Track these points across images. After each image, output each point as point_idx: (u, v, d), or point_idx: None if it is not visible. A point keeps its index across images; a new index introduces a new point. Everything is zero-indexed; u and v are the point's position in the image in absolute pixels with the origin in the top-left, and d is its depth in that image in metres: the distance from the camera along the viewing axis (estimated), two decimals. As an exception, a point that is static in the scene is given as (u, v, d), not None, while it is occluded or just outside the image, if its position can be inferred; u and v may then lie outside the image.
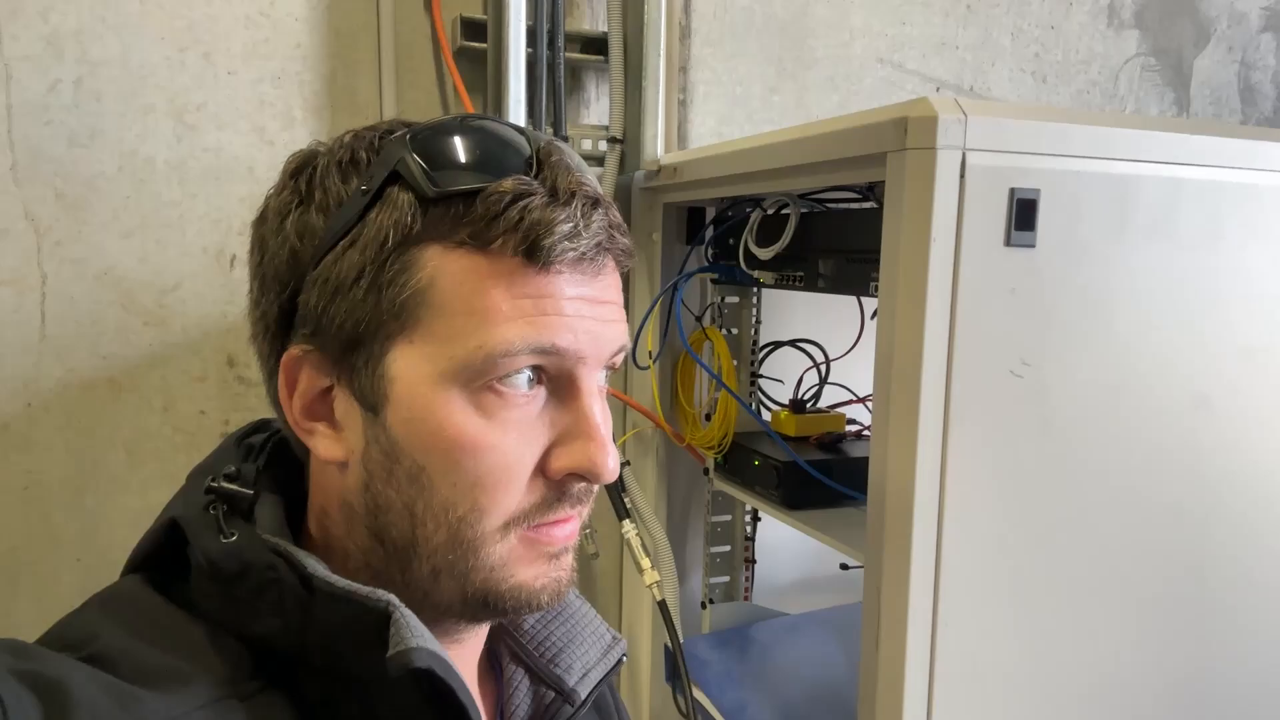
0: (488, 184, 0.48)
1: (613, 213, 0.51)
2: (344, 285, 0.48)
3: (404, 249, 0.48)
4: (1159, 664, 0.81)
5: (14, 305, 1.02)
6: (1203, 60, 1.65)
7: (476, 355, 0.47)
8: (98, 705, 0.41)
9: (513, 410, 0.49)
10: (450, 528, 0.49)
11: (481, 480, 0.48)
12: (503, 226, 0.47)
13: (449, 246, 0.48)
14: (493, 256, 0.48)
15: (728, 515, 1.27)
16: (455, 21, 1.14)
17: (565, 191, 0.49)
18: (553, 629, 0.62)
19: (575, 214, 0.49)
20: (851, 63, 1.38)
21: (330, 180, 0.50)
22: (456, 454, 0.48)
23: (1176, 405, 0.78)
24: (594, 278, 0.51)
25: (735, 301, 1.21)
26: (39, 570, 1.06)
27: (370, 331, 0.49)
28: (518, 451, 0.49)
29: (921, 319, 0.68)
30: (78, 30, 1.02)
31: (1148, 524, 0.78)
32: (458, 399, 0.48)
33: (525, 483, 0.50)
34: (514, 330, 0.47)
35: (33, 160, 1.01)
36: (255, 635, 0.48)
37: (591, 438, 0.50)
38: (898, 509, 0.70)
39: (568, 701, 0.59)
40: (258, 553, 0.48)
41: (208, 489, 0.51)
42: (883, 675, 0.72)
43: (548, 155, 0.50)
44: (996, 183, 0.68)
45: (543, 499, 0.50)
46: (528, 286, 0.48)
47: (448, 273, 0.48)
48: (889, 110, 0.70)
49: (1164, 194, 0.74)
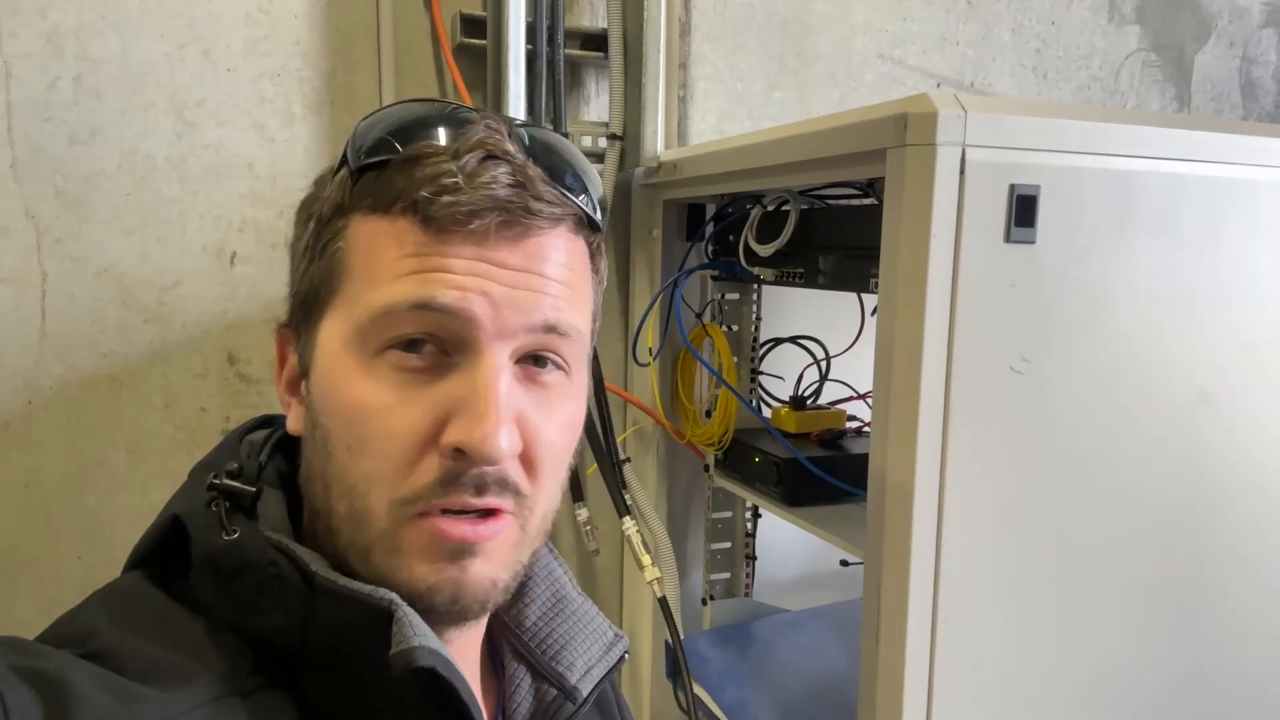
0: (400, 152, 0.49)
1: (534, 176, 0.48)
2: (299, 261, 0.52)
3: (334, 221, 0.50)
4: (1159, 660, 0.81)
5: (14, 303, 1.02)
6: (1204, 56, 1.65)
7: (365, 316, 0.48)
8: (98, 702, 0.41)
9: (404, 374, 0.48)
10: (348, 498, 0.49)
11: (369, 444, 0.48)
12: (397, 188, 0.48)
13: (363, 214, 0.49)
14: (391, 219, 0.48)
15: (728, 512, 1.27)
16: (455, 18, 1.14)
17: (465, 150, 0.47)
18: (554, 626, 0.61)
19: (464, 168, 0.47)
20: (852, 59, 1.38)
21: (326, 174, 0.54)
22: (348, 415, 0.48)
23: (1177, 402, 0.78)
24: (511, 243, 0.48)
25: (736, 298, 1.21)
26: (40, 568, 1.06)
27: (312, 302, 0.51)
28: (406, 417, 0.47)
29: (921, 315, 0.67)
30: (77, 27, 1.01)
31: (1148, 520, 0.78)
32: (355, 362, 0.48)
33: (416, 454, 0.47)
34: (397, 288, 0.47)
35: (33, 158, 1.01)
36: (257, 632, 0.48)
37: (478, 411, 0.46)
38: (897, 505, 0.70)
39: (569, 699, 0.59)
40: (259, 550, 0.48)
41: (210, 485, 0.51)
42: (883, 671, 0.72)
43: (474, 124, 0.49)
44: (996, 179, 0.68)
45: (436, 478, 0.47)
46: (418, 246, 0.48)
47: (358, 239, 0.49)
48: (889, 106, 0.70)
49: (1165, 190, 0.74)
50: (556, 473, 0.53)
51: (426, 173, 0.47)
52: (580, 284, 0.53)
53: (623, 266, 1.28)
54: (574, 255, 0.52)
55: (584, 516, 1.20)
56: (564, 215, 0.51)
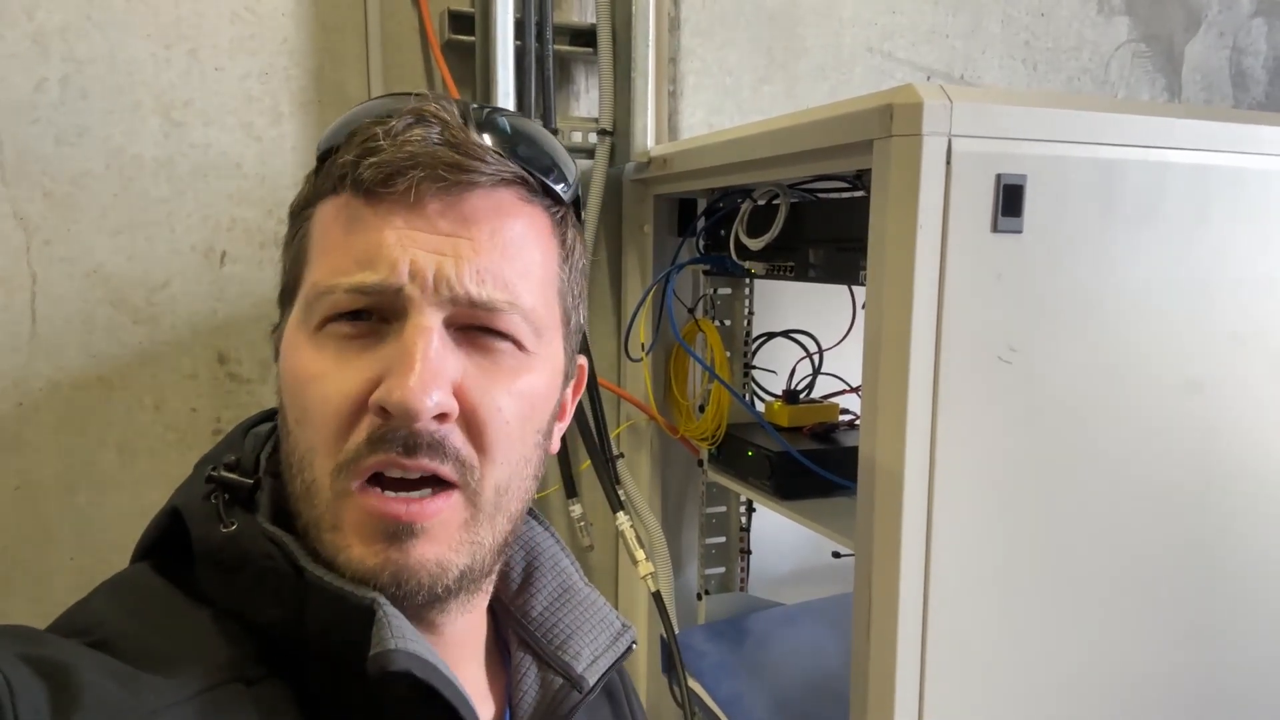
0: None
1: (467, 138, 0.48)
2: (282, 257, 0.54)
3: (302, 213, 0.52)
4: (1151, 649, 0.81)
5: (3, 304, 1.02)
6: (1194, 46, 1.65)
7: (310, 293, 0.49)
8: (104, 689, 0.41)
9: (343, 343, 0.49)
10: (299, 472, 0.49)
11: (310, 412, 0.48)
12: (340, 164, 0.49)
13: (322, 201, 0.51)
14: (337, 197, 0.50)
15: (722, 506, 1.27)
16: (443, 15, 1.13)
17: (397, 118, 0.48)
18: (561, 615, 0.61)
19: (390, 132, 0.47)
20: (841, 52, 1.38)
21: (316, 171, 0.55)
22: (295, 387, 0.49)
23: (1166, 390, 0.78)
24: (444, 208, 0.48)
25: (728, 293, 1.21)
26: (33, 570, 1.06)
27: (288, 291, 0.53)
28: (340, 381, 0.47)
29: (909, 306, 0.67)
30: (63, 28, 1.01)
31: (1138, 509, 0.78)
32: (303, 338, 0.50)
33: (350, 418, 0.47)
34: (330, 265, 0.49)
35: (20, 159, 1.01)
36: (258, 622, 0.48)
37: (402, 370, 0.46)
38: (887, 496, 0.70)
39: (576, 688, 0.58)
40: (255, 542, 0.49)
41: (208, 478, 0.51)
42: (874, 663, 0.72)
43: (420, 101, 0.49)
44: (983, 169, 0.68)
45: (366, 438, 0.47)
46: (351, 220, 0.49)
47: (316, 224, 0.51)
48: (875, 97, 0.70)
49: (1151, 178, 0.74)
50: (510, 443, 0.50)
51: (356, 141, 0.49)
52: (527, 254, 0.51)
53: (614, 262, 1.27)
54: (523, 223, 0.51)
55: (578, 512, 1.20)
56: (498, 174, 0.49)
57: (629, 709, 0.70)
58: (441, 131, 0.48)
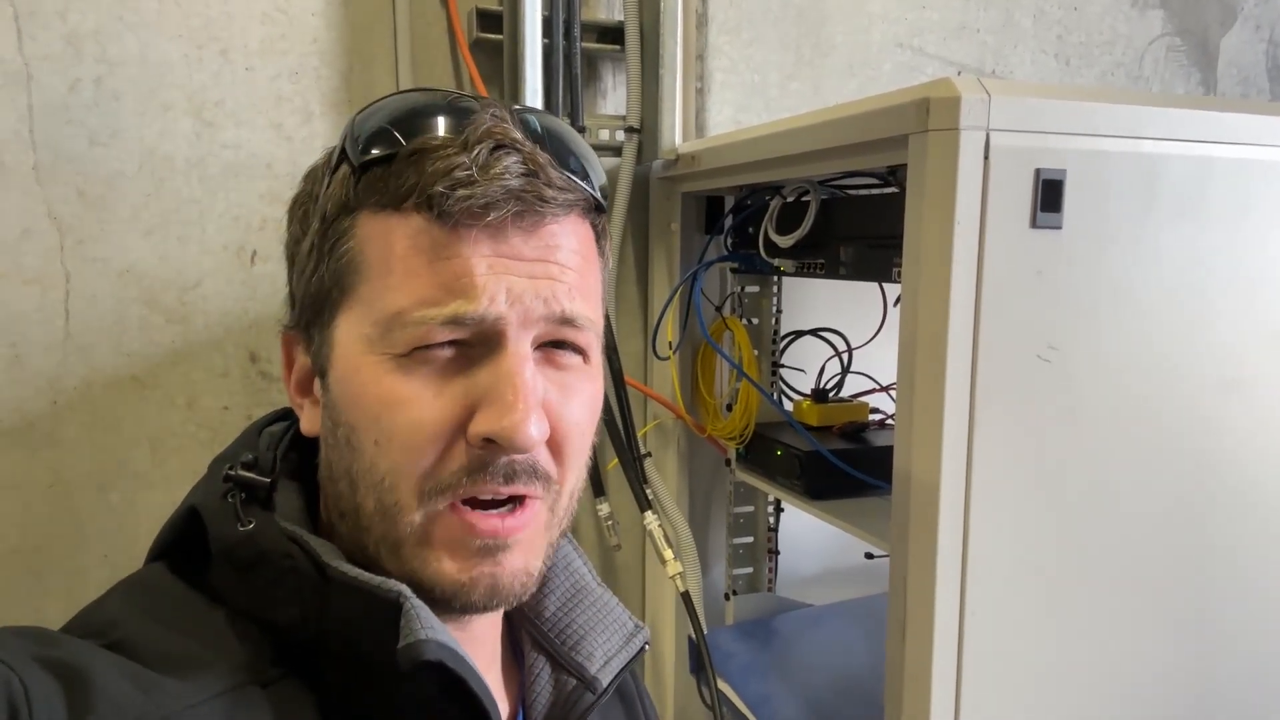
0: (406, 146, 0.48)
1: (544, 163, 0.48)
2: (305, 261, 0.51)
3: (341, 219, 0.50)
4: (1192, 653, 0.79)
5: (38, 304, 1.03)
6: (1229, 39, 1.62)
7: (391, 320, 0.48)
8: (119, 690, 0.41)
9: (432, 367, 0.48)
10: (376, 493, 0.49)
11: (397, 437, 0.48)
12: (409, 184, 0.47)
13: (373, 211, 0.49)
14: (405, 216, 0.48)
15: (750, 506, 1.26)
16: (471, 13, 1.13)
17: (474, 142, 0.47)
18: (574, 616, 0.61)
19: (476, 160, 0.47)
20: (870, 48, 1.37)
21: (320, 170, 0.53)
22: (376, 410, 0.48)
23: (1207, 389, 0.76)
24: (526, 234, 0.48)
25: (755, 291, 1.20)
26: (66, 567, 1.07)
27: (322, 302, 0.51)
28: (434, 408, 0.47)
29: (946, 304, 0.66)
30: (96, 29, 1.02)
31: (1178, 511, 0.77)
32: (380, 359, 0.48)
33: (444, 444, 0.48)
34: (417, 293, 0.47)
35: (54, 160, 1.02)
36: (275, 622, 0.48)
37: (506, 400, 0.47)
38: (923, 498, 0.69)
39: (589, 689, 0.59)
40: (274, 541, 0.49)
41: (225, 477, 0.51)
42: (909, 667, 0.71)
43: (480, 113, 0.49)
44: (1022, 164, 0.66)
45: (463, 466, 0.48)
46: (435, 246, 0.47)
47: (370, 237, 0.49)
48: (910, 92, 0.69)
49: (1193, 173, 0.73)
50: (582, 454, 0.53)
51: (438, 166, 0.47)
52: (590, 269, 0.53)
53: (641, 260, 1.27)
54: (583, 240, 0.52)
55: (605, 511, 1.19)
56: (575, 201, 0.51)
57: (642, 710, 0.70)
58: (523, 160, 0.48)
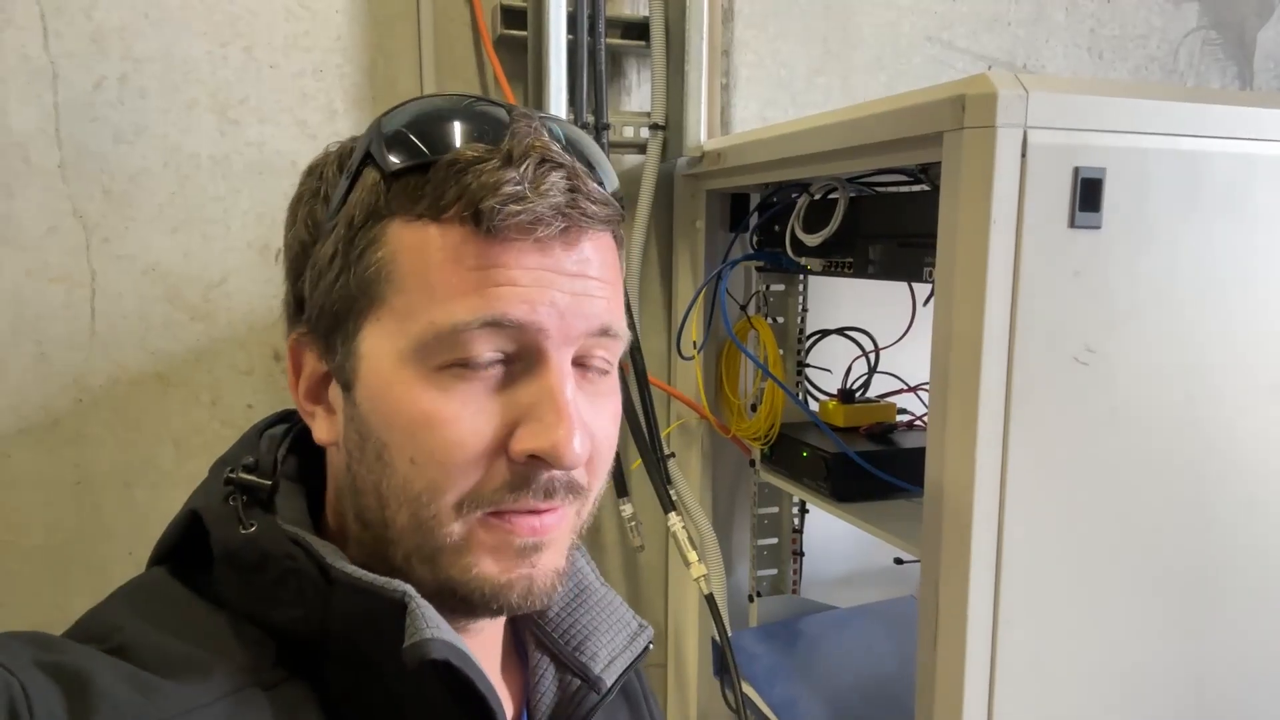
0: (443, 156, 0.47)
1: (584, 179, 0.48)
2: (326, 267, 0.50)
3: (370, 227, 0.48)
4: (1232, 664, 0.77)
5: (64, 302, 1.03)
6: (1267, 32, 1.58)
7: (429, 332, 0.47)
8: (120, 695, 0.41)
9: (472, 384, 0.47)
10: (410, 508, 0.48)
11: (436, 455, 0.47)
12: (451, 195, 0.46)
13: (408, 220, 0.48)
14: (445, 227, 0.47)
15: (775, 507, 1.25)
16: (495, 10, 1.12)
17: (519, 156, 0.46)
18: (578, 616, 0.61)
19: (525, 175, 0.46)
20: (899, 41, 1.35)
21: (329, 170, 0.52)
22: (413, 429, 0.47)
23: (1249, 393, 0.74)
24: (567, 248, 0.48)
25: (781, 289, 1.19)
26: (91, 563, 1.07)
27: (346, 311, 0.49)
28: (474, 426, 0.47)
29: (981, 305, 0.65)
30: (121, 27, 1.02)
31: (1219, 518, 0.75)
32: (416, 375, 0.47)
33: (484, 462, 0.48)
34: (463, 304, 0.46)
35: (80, 157, 1.02)
36: (278, 625, 0.48)
37: (551, 418, 0.47)
38: (956, 502, 0.68)
39: (593, 689, 0.58)
40: (277, 543, 0.48)
41: (227, 480, 0.51)
42: (941, 674, 0.70)
43: (514, 123, 0.48)
44: (1060, 161, 0.65)
45: (505, 482, 0.48)
46: (479, 258, 0.46)
47: (405, 247, 0.48)
48: (945, 88, 0.67)
49: (1236, 171, 0.71)
50: (608, 464, 0.54)
51: (485, 180, 0.46)
52: (618, 281, 0.53)
53: (666, 258, 1.26)
54: (612, 253, 0.53)
55: (628, 512, 1.18)
56: (611, 216, 0.51)
57: (647, 710, 0.69)
58: (567, 176, 0.48)
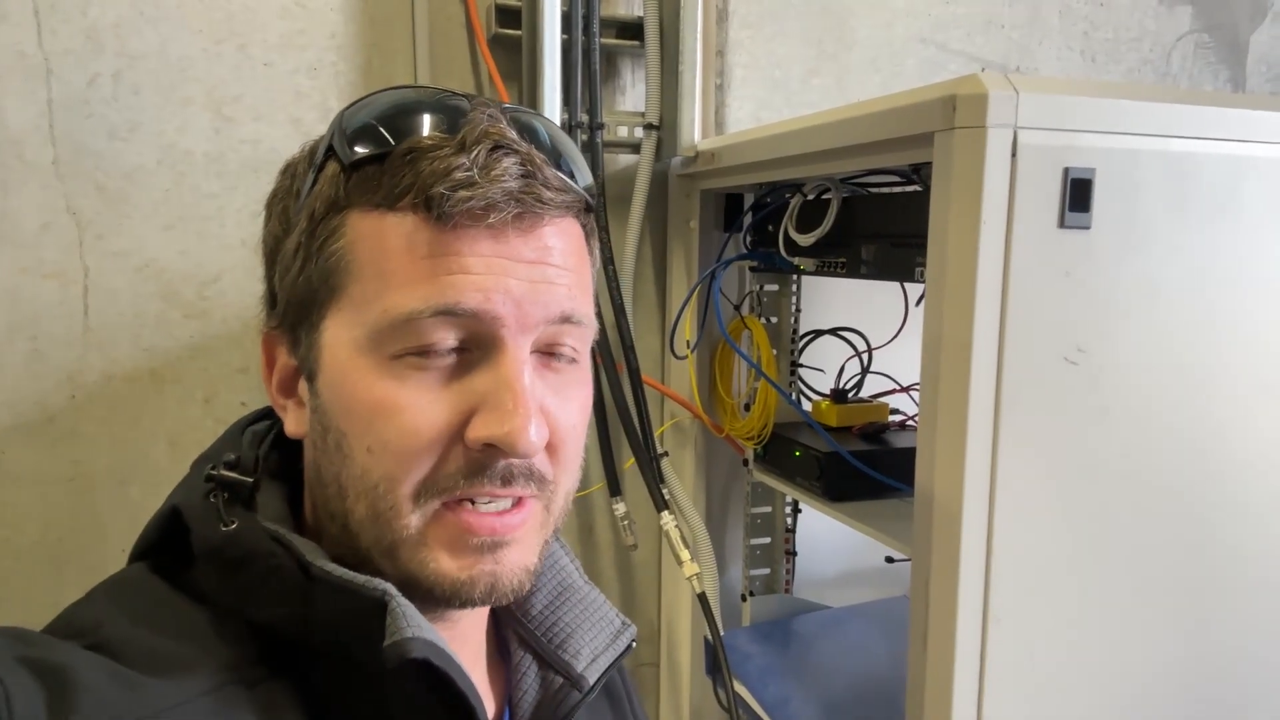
0: (399, 145, 0.47)
1: (540, 165, 0.48)
2: (291, 260, 0.50)
3: (330, 218, 0.49)
4: (1221, 665, 0.78)
5: (58, 298, 1.03)
6: (1260, 35, 1.59)
7: (383, 320, 0.47)
8: (101, 691, 0.41)
9: (427, 372, 0.47)
10: (368, 499, 0.48)
11: (391, 443, 0.47)
12: (405, 184, 0.47)
13: (365, 211, 0.48)
14: (399, 216, 0.47)
15: (768, 507, 1.25)
16: (490, 8, 1.13)
17: (472, 142, 0.46)
18: (561, 615, 0.61)
19: (476, 161, 0.46)
20: (894, 43, 1.35)
21: (301, 165, 0.52)
22: (369, 417, 0.47)
23: (1240, 393, 0.75)
24: (523, 235, 0.48)
25: (774, 289, 1.19)
26: (86, 560, 1.07)
27: (309, 302, 0.50)
28: (430, 414, 0.47)
29: (971, 305, 0.65)
30: (116, 23, 1.02)
31: (1208, 517, 0.75)
32: (372, 364, 0.47)
33: (440, 449, 0.47)
34: (416, 293, 0.46)
35: (74, 154, 1.02)
36: (260, 622, 0.48)
37: (507, 406, 0.46)
38: (946, 502, 0.68)
39: (575, 687, 0.58)
40: (258, 540, 0.48)
41: (208, 477, 0.51)
42: (931, 672, 0.70)
43: (472, 112, 0.48)
44: (1050, 162, 0.65)
45: (460, 469, 0.47)
46: (432, 245, 0.46)
47: (362, 237, 0.48)
48: (936, 88, 0.67)
49: (1226, 172, 0.71)
50: (576, 456, 0.53)
51: (436, 167, 0.46)
52: (584, 269, 0.53)
53: (660, 258, 1.26)
54: (577, 241, 0.52)
55: (621, 511, 1.19)
56: (571, 203, 0.50)
57: (630, 708, 0.69)
58: (521, 161, 0.47)
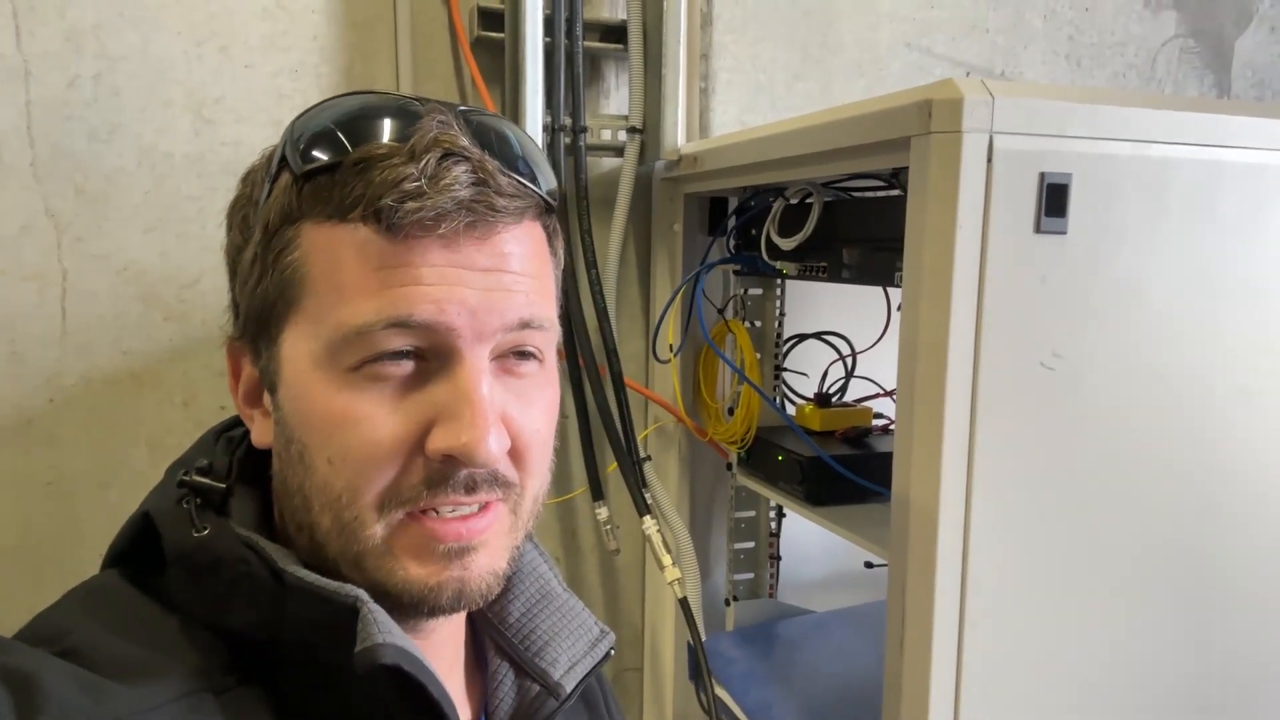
0: (349, 155, 0.47)
1: (493, 172, 0.47)
2: (249, 271, 0.50)
3: (284, 230, 0.48)
4: (1195, 663, 0.78)
5: (36, 301, 1.02)
6: (1244, 41, 1.60)
7: (338, 333, 0.46)
8: (68, 698, 0.40)
9: (385, 383, 0.47)
10: (332, 510, 0.48)
11: (351, 454, 0.47)
12: (355, 195, 0.46)
13: (318, 222, 0.47)
14: (351, 228, 0.47)
15: (751, 511, 1.25)
16: (472, 11, 1.12)
17: (421, 151, 0.46)
18: (538, 622, 0.60)
19: (425, 170, 0.45)
20: (878, 47, 1.35)
21: (259, 174, 0.52)
22: (329, 429, 0.47)
23: (1215, 397, 0.75)
24: (478, 243, 0.47)
25: (758, 293, 1.19)
26: (64, 565, 1.06)
27: (268, 315, 0.49)
28: (389, 425, 0.47)
29: (947, 309, 0.65)
30: (96, 25, 1.01)
31: (1184, 520, 0.75)
32: (329, 376, 0.47)
33: (400, 460, 0.47)
34: (368, 305, 0.46)
35: (53, 156, 1.01)
36: (231, 629, 0.48)
37: (466, 417, 0.46)
38: (923, 506, 0.68)
39: (552, 695, 0.58)
40: (230, 546, 0.48)
41: (180, 483, 0.51)
42: (907, 676, 0.70)
43: (424, 118, 0.47)
44: (1026, 167, 0.65)
45: (423, 479, 0.47)
46: (384, 257, 0.46)
47: (316, 249, 0.48)
48: (913, 93, 0.67)
49: (1203, 177, 0.71)
50: (543, 460, 0.53)
51: (385, 177, 0.45)
52: (545, 272, 0.52)
53: (643, 261, 1.26)
54: (536, 244, 0.52)
55: (604, 515, 1.18)
56: (526, 207, 0.50)
57: (608, 715, 0.69)
58: (472, 169, 0.47)
